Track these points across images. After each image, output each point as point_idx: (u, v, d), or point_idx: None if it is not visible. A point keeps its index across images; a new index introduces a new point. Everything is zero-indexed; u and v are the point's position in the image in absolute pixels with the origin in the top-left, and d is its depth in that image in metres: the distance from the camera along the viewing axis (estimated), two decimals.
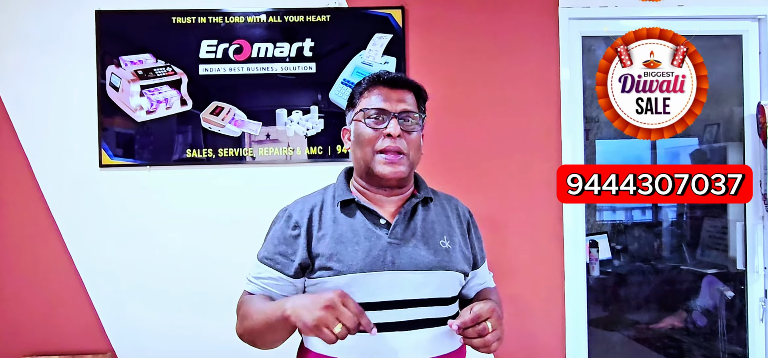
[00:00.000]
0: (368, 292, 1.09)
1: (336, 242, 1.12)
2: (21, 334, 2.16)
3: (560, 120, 2.25)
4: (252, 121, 2.20)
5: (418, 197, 1.21)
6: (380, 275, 1.09)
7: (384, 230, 1.14)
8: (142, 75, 2.17)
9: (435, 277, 1.13)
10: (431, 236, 1.17)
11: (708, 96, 1.86)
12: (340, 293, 0.95)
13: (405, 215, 1.17)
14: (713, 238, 3.31)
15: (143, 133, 2.18)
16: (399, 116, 1.14)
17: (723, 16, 2.29)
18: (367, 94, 1.18)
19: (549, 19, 2.25)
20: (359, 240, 1.12)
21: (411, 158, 1.16)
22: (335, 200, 1.19)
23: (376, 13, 2.21)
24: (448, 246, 1.17)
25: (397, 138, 1.13)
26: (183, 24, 2.18)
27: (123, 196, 2.18)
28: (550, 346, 2.26)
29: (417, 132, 1.18)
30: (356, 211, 1.17)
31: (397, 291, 1.10)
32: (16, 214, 2.17)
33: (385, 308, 1.09)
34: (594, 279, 2.73)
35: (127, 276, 2.17)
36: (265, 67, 2.20)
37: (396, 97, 1.16)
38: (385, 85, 1.17)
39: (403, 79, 1.20)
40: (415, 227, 1.17)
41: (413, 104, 1.18)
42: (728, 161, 2.72)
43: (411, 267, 1.11)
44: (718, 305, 3.03)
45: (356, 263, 1.09)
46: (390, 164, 1.13)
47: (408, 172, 1.17)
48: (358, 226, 1.14)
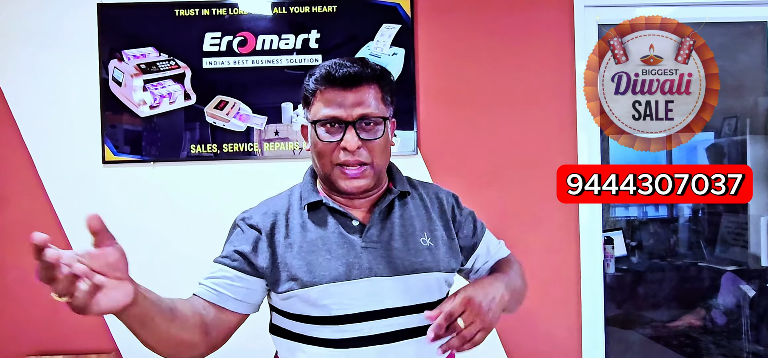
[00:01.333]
0: (344, 304, 0.98)
1: (305, 251, 1.00)
2: (25, 333, 2.14)
3: (576, 114, 2.17)
4: (257, 116, 2.15)
5: (394, 193, 1.07)
6: (356, 283, 0.98)
7: (357, 233, 1.02)
8: (145, 69, 2.13)
9: (418, 281, 1.01)
10: (411, 235, 1.04)
11: (730, 87, 1.60)
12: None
13: (380, 214, 1.05)
14: (732, 234, 3.22)
15: (147, 128, 2.14)
16: (357, 123, 0.98)
17: (746, 2, 2.20)
18: (319, 97, 1.01)
19: (563, 7, 2.17)
20: (331, 247, 1.00)
21: (377, 166, 1.02)
22: (302, 202, 1.06)
23: (384, 2, 2.15)
24: (429, 244, 1.05)
25: (357, 150, 0.98)
26: (186, 16, 2.14)
27: (127, 193, 2.14)
28: (566, 345, 2.19)
29: (381, 135, 1.01)
30: (326, 214, 1.04)
31: (377, 300, 0.98)
32: (19, 211, 2.14)
33: (365, 319, 0.98)
34: (609, 276, 2.66)
35: (131, 274, 2.13)
36: (270, 59, 2.15)
37: (352, 100, 0.98)
38: (338, 85, 0.99)
39: (358, 74, 0.99)
40: (392, 226, 1.04)
41: (376, 100, 1.01)
42: (748, 156, 2.63)
43: (390, 272, 0.99)
44: (739, 303, 2.94)
45: (329, 272, 0.98)
46: (350, 179, 1.00)
47: (374, 182, 1.03)
48: (328, 231, 1.02)
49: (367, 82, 1.01)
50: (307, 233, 1.02)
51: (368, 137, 1.00)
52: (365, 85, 1.00)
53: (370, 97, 1.00)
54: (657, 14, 2.30)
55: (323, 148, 1.00)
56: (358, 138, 0.98)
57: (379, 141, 1.01)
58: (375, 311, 0.98)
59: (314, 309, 0.99)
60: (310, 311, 0.99)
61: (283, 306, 1.03)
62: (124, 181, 2.14)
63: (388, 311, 0.99)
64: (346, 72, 0.99)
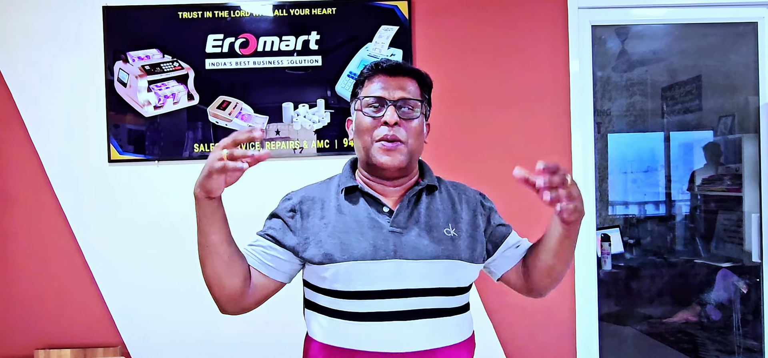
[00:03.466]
0: (370, 280, 1.08)
1: (339, 231, 1.11)
2: (33, 327, 2.19)
3: (570, 113, 2.22)
4: (259, 115, 2.20)
5: (422, 185, 1.19)
6: (382, 263, 1.08)
7: (386, 217, 1.13)
8: (150, 70, 2.18)
9: (439, 266, 1.11)
10: (435, 224, 1.15)
11: (723, 86, 1.65)
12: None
13: (408, 202, 1.16)
14: (728, 231, 3.25)
15: (151, 128, 2.19)
16: (397, 104, 1.13)
17: (737, 3, 2.24)
18: (367, 83, 1.18)
19: (558, 9, 2.21)
20: (362, 229, 1.11)
21: (410, 146, 1.14)
22: (340, 187, 1.18)
23: (382, 4, 2.19)
24: (453, 234, 1.15)
25: (394, 126, 1.12)
26: (189, 19, 2.19)
27: (132, 191, 2.19)
28: (561, 339, 2.24)
29: (417, 119, 1.16)
30: (360, 199, 1.16)
31: (400, 280, 1.08)
32: (27, 210, 2.19)
33: (388, 296, 1.08)
34: (606, 273, 2.70)
35: (136, 270, 2.18)
36: (271, 60, 2.19)
37: (395, 85, 1.15)
38: (384, 73, 1.17)
39: (403, 66, 1.18)
40: (419, 215, 1.15)
41: (415, 92, 1.17)
42: (743, 154, 2.66)
43: (413, 256, 1.09)
44: (732, 299, 2.98)
45: (358, 251, 1.09)
46: (387, 152, 1.12)
47: (407, 161, 1.15)
48: (360, 214, 1.14)
49: (408, 75, 1.18)
50: (342, 214, 1.14)
51: (406, 118, 1.14)
52: (406, 76, 1.17)
53: (410, 86, 1.17)
54: (650, 15, 2.35)
55: (367, 124, 1.15)
56: (397, 116, 1.12)
57: (415, 124, 1.15)
58: (397, 290, 1.08)
59: (342, 284, 1.09)
60: (337, 286, 1.10)
61: (314, 281, 1.14)
62: (130, 179, 2.19)
63: (409, 291, 1.09)
64: (391, 64, 1.17)
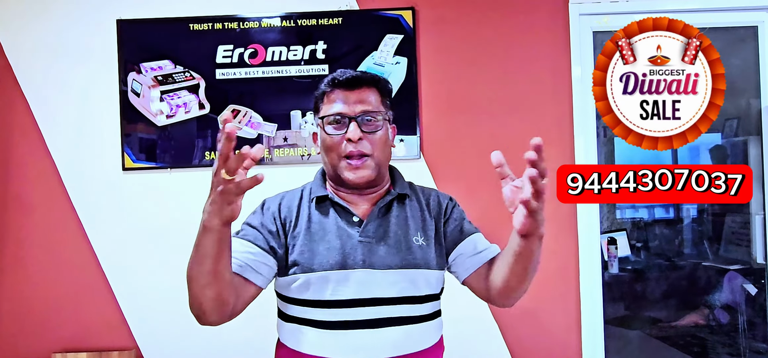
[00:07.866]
0: (339, 290, 1.09)
1: (308, 240, 1.12)
2: (50, 331, 2.25)
3: (572, 118, 2.25)
4: (267, 123, 2.25)
5: (393, 194, 1.19)
6: (351, 272, 1.09)
7: (356, 227, 1.13)
8: (162, 81, 2.25)
9: (408, 275, 1.11)
10: (405, 234, 1.14)
11: (727, 90, 1.65)
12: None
13: (378, 212, 1.16)
14: (736, 234, 3.25)
15: (164, 137, 2.26)
16: (358, 119, 1.12)
17: (738, 7, 2.26)
18: (327, 100, 1.16)
19: (559, 16, 2.25)
20: (331, 238, 1.11)
21: (376, 158, 1.14)
22: (311, 195, 1.18)
23: (387, 14, 2.25)
24: (422, 243, 1.15)
25: (359, 141, 1.11)
26: (200, 30, 2.25)
27: (145, 198, 2.25)
28: (566, 341, 2.25)
29: (381, 130, 1.15)
30: (330, 208, 1.16)
31: (369, 289, 1.09)
32: (44, 216, 2.26)
33: (357, 305, 1.09)
34: (613, 277, 2.71)
35: (150, 275, 2.24)
36: (279, 70, 2.25)
37: (354, 98, 1.13)
38: (342, 86, 1.14)
39: (360, 77, 1.16)
40: (388, 224, 1.15)
41: (376, 102, 1.15)
42: (749, 156, 2.67)
43: (382, 265, 1.10)
44: (739, 301, 2.97)
45: (327, 260, 1.09)
46: (354, 169, 1.12)
47: (375, 174, 1.15)
48: (330, 224, 1.14)
49: (368, 85, 1.16)
50: (312, 223, 1.14)
51: (369, 131, 1.13)
52: (366, 87, 1.15)
53: (370, 97, 1.15)
54: (649, 17, 2.37)
55: (331, 142, 1.13)
56: (361, 130, 1.12)
57: (379, 136, 1.14)
58: (366, 299, 1.09)
59: (312, 293, 1.10)
60: (308, 295, 1.11)
61: (284, 290, 1.15)
62: (143, 186, 2.25)
63: (379, 299, 1.10)
64: (349, 76, 1.15)
